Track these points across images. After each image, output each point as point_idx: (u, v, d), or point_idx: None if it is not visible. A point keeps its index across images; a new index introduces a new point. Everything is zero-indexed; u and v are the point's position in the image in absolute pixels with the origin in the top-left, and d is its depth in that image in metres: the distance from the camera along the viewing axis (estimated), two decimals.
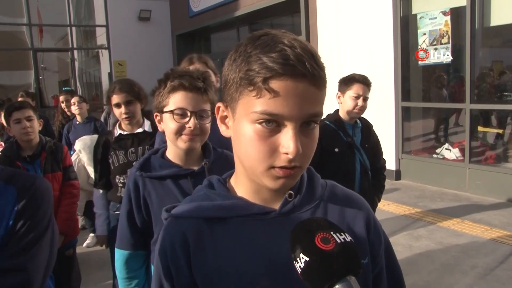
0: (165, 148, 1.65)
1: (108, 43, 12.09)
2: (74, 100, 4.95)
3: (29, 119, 2.72)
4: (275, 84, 0.72)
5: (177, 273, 0.84)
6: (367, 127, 2.87)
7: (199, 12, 11.45)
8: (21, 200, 1.09)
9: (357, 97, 2.63)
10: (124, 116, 2.53)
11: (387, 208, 5.29)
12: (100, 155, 2.61)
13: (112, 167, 2.56)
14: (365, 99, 2.65)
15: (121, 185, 2.55)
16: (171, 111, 1.51)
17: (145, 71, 10.99)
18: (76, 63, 13.53)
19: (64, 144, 3.74)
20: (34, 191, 1.12)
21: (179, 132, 1.51)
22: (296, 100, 0.73)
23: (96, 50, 13.40)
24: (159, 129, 1.60)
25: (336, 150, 2.65)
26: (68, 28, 12.30)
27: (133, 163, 2.56)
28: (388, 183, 6.48)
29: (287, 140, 0.74)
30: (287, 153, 0.74)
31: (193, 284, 0.84)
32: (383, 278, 0.92)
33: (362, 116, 2.84)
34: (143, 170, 1.59)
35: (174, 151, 1.59)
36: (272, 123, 0.74)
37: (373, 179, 2.85)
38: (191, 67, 2.28)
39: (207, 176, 1.41)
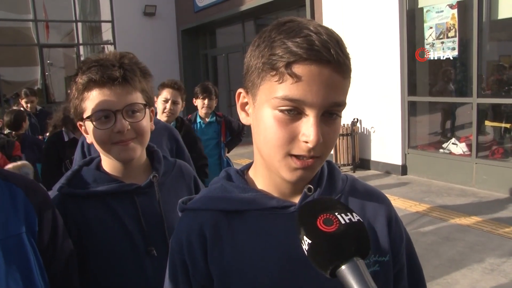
0: (100, 157, 1.28)
1: (113, 39, 12.09)
2: None
3: None
4: (298, 68, 0.70)
5: (193, 267, 0.82)
6: None
7: (204, 7, 11.41)
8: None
9: (166, 101, 2.96)
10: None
11: (393, 203, 5.24)
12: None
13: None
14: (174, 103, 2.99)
15: None
16: (89, 117, 1.16)
17: (150, 67, 10.73)
18: (82, 59, 13.55)
19: None
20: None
21: (108, 141, 1.15)
22: (320, 87, 0.70)
23: (101, 45, 13.40)
24: (87, 141, 1.23)
25: None
26: (74, 23, 12.31)
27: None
28: (394, 178, 6.48)
29: (308, 127, 0.71)
30: (306, 142, 0.72)
31: (209, 279, 0.81)
32: (404, 275, 0.90)
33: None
34: (72, 186, 1.20)
35: (111, 161, 1.23)
36: (294, 111, 0.72)
37: None
38: None
39: (157, 192, 1.22)
